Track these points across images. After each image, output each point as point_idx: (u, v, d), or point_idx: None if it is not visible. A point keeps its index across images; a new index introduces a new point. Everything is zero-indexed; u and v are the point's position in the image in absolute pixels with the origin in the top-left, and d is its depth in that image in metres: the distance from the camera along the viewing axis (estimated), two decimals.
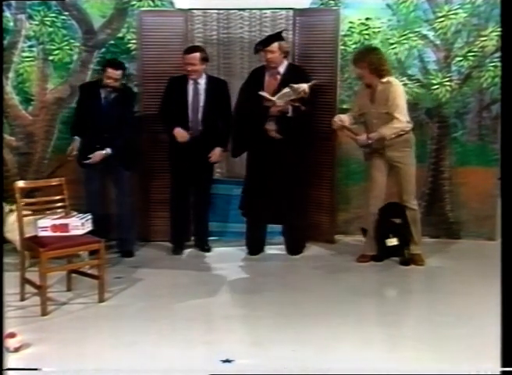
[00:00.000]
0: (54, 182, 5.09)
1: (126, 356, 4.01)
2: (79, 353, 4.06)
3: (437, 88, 6.21)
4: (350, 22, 6.13)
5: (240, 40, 6.45)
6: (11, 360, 3.80)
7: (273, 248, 6.10)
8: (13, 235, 5.17)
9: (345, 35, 6.12)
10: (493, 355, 3.37)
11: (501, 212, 3.49)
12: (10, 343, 3.95)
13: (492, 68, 6.11)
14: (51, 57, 6.24)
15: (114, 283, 5.16)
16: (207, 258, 5.97)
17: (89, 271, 5.08)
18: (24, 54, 6.22)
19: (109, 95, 5.69)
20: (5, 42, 6.08)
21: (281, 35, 5.72)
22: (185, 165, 5.81)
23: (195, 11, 6.29)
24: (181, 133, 5.75)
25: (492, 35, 6.06)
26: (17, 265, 4.92)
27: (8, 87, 6.20)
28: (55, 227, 4.85)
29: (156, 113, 5.91)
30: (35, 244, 4.75)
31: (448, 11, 6.10)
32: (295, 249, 5.99)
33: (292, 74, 5.69)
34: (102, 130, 5.62)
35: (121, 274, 5.42)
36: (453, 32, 6.13)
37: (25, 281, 4.84)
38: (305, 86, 5.56)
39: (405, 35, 6.15)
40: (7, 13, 6.10)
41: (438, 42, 6.17)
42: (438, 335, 4.31)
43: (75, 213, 5.05)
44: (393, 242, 5.66)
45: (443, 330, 4.37)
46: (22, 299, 4.84)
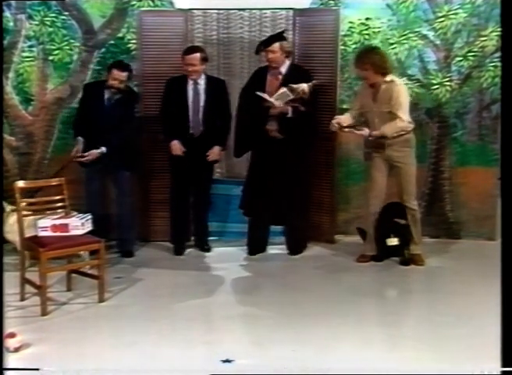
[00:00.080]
0: (54, 182, 5.09)
1: (126, 356, 4.01)
2: (79, 353, 4.06)
3: (437, 88, 6.21)
4: (350, 22, 6.13)
5: (240, 40, 6.45)
6: (11, 360, 3.81)
7: (274, 248, 6.10)
8: (13, 236, 5.16)
9: (345, 35, 6.11)
10: (493, 355, 3.37)
11: (501, 212, 3.50)
12: (10, 343, 3.95)
13: (492, 68, 6.11)
14: (51, 57, 6.23)
15: (114, 283, 5.16)
16: (207, 258, 5.97)
17: (89, 271, 5.08)
18: (24, 54, 6.22)
19: (113, 96, 5.69)
20: (5, 42, 6.08)
21: (282, 35, 5.72)
22: (185, 165, 5.81)
23: (195, 11, 6.29)
24: (177, 146, 5.78)
25: (492, 35, 6.06)
26: (17, 265, 4.92)
27: (8, 87, 6.20)
28: (55, 227, 4.85)
29: (156, 114, 5.91)
30: (35, 244, 4.75)
31: (448, 11, 6.10)
32: (296, 249, 5.99)
33: (294, 74, 5.69)
34: (104, 131, 5.61)
35: (121, 274, 5.42)
36: (453, 32, 6.13)
37: (25, 281, 4.84)
38: (304, 86, 5.56)
39: (405, 35, 6.15)
40: (7, 13, 6.10)
41: (438, 42, 6.17)
42: (438, 335, 4.31)
43: (75, 213, 5.05)
44: (394, 242, 5.66)
45: (443, 330, 4.38)
46: (22, 299, 4.84)
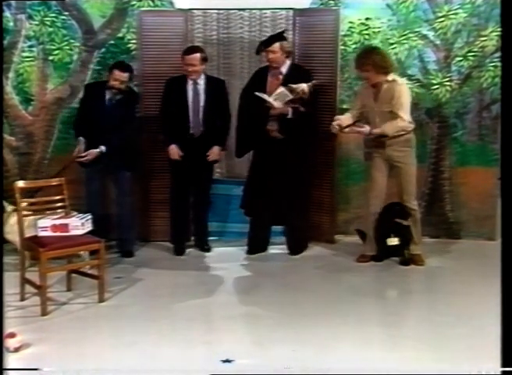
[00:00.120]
0: (54, 182, 5.09)
1: (126, 356, 4.01)
2: (79, 353, 4.06)
3: (437, 88, 6.21)
4: (350, 22, 6.13)
5: (240, 40, 6.45)
6: (11, 360, 3.80)
7: (274, 248, 6.10)
8: (14, 236, 5.15)
9: (345, 35, 6.11)
10: (493, 355, 3.37)
11: (501, 212, 3.49)
12: (10, 343, 3.95)
13: (492, 68, 6.11)
14: (51, 57, 6.23)
15: (114, 283, 5.16)
16: (207, 258, 5.97)
17: (89, 271, 5.08)
18: (24, 54, 6.22)
19: (114, 97, 5.69)
20: (5, 42, 6.08)
21: (283, 35, 5.72)
22: (185, 165, 5.81)
23: (195, 11, 6.29)
24: (174, 151, 5.79)
25: (492, 35, 6.06)
26: (17, 265, 4.92)
27: (8, 87, 6.20)
28: (55, 227, 4.85)
29: (156, 114, 5.90)
30: (35, 244, 4.75)
31: (448, 11, 6.10)
32: (296, 249, 5.99)
33: (294, 74, 5.69)
34: (105, 131, 5.61)
35: (121, 274, 5.42)
36: (453, 32, 6.13)
37: (25, 281, 4.84)
38: (304, 86, 5.55)
39: (405, 35, 6.15)
40: (7, 13, 6.10)
41: (438, 42, 6.17)
42: (438, 335, 4.32)
43: (75, 213, 5.05)
44: (394, 242, 5.65)
45: (443, 330, 4.38)
46: (22, 299, 4.84)
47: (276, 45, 5.61)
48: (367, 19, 6.14)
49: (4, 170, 5.92)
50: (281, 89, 5.55)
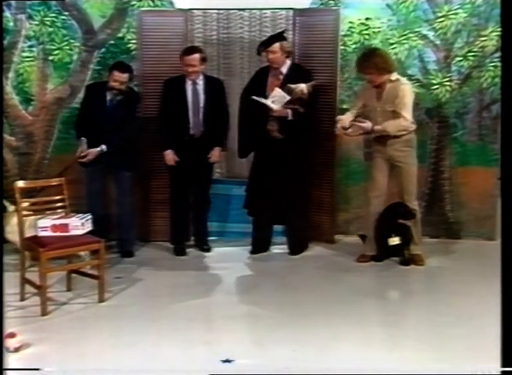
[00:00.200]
0: (54, 182, 5.09)
1: (126, 356, 4.01)
2: (79, 353, 4.06)
3: (437, 88, 6.21)
4: (350, 22, 6.12)
5: (240, 40, 6.45)
6: (11, 360, 3.80)
7: (275, 248, 6.10)
8: (15, 236, 5.14)
9: (345, 35, 6.11)
10: (493, 355, 3.37)
11: (501, 212, 3.49)
12: (10, 343, 3.95)
13: (492, 68, 6.11)
14: (51, 57, 6.23)
15: (114, 283, 5.16)
16: (207, 258, 5.97)
17: (89, 271, 5.08)
18: (24, 54, 6.22)
19: (115, 98, 5.68)
20: (5, 42, 6.08)
21: (283, 35, 5.72)
22: (185, 165, 5.81)
23: (195, 11, 6.29)
24: (170, 156, 5.80)
25: (492, 35, 6.06)
26: (17, 265, 4.92)
27: (8, 87, 6.20)
28: (55, 227, 4.85)
29: (157, 114, 5.90)
30: (35, 244, 4.75)
31: (448, 11, 6.10)
32: (297, 249, 5.99)
33: (294, 74, 5.68)
34: (106, 132, 5.61)
35: (121, 274, 5.42)
36: (453, 32, 6.13)
37: (25, 281, 4.84)
38: (303, 86, 5.55)
39: (405, 35, 6.15)
40: (7, 13, 6.10)
41: (438, 42, 6.16)
42: (438, 335, 4.32)
43: (73, 214, 5.04)
44: (396, 241, 5.63)
45: (443, 330, 4.38)
46: (22, 299, 4.84)
47: (276, 45, 5.61)
48: (367, 19, 6.14)
49: (4, 170, 5.92)
50: (277, 91, 5.54)
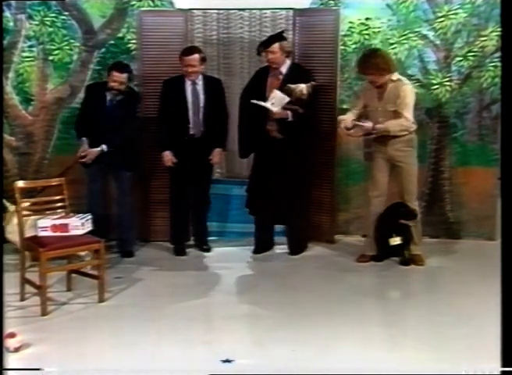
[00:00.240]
0: (54, 182, 5.09)
1: (126, 356, 4.01)
2: (79, 353, 4.06)
3: (437, 88, 6.21)
4: (350, 22, 6.12)
5: (240, 40, 6.45)
6: (11, 360, 3.80)
7: (275, 248, 6.09)
8: (15, 236, 5.14)
9: (345, 35, 6.11)
10: (493, 355, 3.37)
11: (501, 212, 3.49)
12: (10, 343, 3.95)
13: (492, 68, 6.11)
14: (51, 57, 6.23)
15: (114, 283, 5.16)
16: (207, 258, 5.97)
17: (89, 271, 5.08)
18: (24, 54, 6.22)
19: (114, 98, 5.68)
20: (5, 42, 6.08)
21: (282, 35, 5.72)
22: (185, 166, 5.81)
23: (195, 11, 6.29)
24: (168, 158, 5.80)
25: (492, 35, 6.06)
26: (17, 265, 4.92)
27: (8, 87, 6.20)
28: (55, 227, 4.85)
29: (156, 115, 5.90)
30: (35, 244, 4.75)
31: (448, 11, 6.10)
32: (297, 249, 5.99)
33: (294, 74, 5.68)
34: (106, 132, 5.61)
35: (121, 274, 5.42)
36: (453, 32, 6.13)
37: (25, 281, 4.84)
38: (302, 86, 5.54)
39: (405, 35, 6.14)
40: (7, 13, 6.10)
41: (438, 42, 6.16)
42: (438, 335, 4.32)
43: (73, 214, 5.03)
44: (397, 241, 5.62)
45: (443, 330, 4.38)
46: (22, 299, 4.84)
47: (276, 46, 5.61)
48: (367, 19, 6.13)
49: (4, 170, 5.92)
50: (276, 93, 5.53)
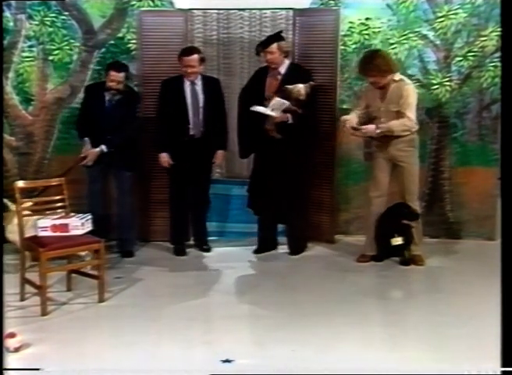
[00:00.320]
0: (54, 182, 5.09)
1: (126, 356, 4.01)
2: (79, 353, 4.06)
3: (437, 88, 6.21)
4: (350, 22, 6.12)
5: (240, 40, 6.45)
6: (11, 360, 3.80)
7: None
8: (15, 236, 5.14)
9: (345, 35, 6.11)
10: (493, 355, 3.37)
11: (501, 212, 3.49)
12: (10, 343, 3.95)
13: (492, 68, 6.11)
14: (51, 57, 6.23)
15: (114, 283, 5.16)
16: (207, 258, 5.96)
17: (89, 271, 5.07)
18: (24, 54, 6.22)
19: (113, 98, 5.68)
20: (5, 42, 6.08)
21: (280, 35, 5.71)
22: (185, 166, 5.81)
23: (195, 11, 6.29)
24: (165, 160, 5.80)
25: (492, 35, 6.06)
26: (17, 265, 4.92)
27: (8, 87, 6.19)
28: (55, 227, 4.85)
29: (155, 115, 5.90)
30: (35, 244, 4.75)
31: (448, 11, 6.10)
32: (297, 249, 5.98)
33: (293, 74, 5.68)
34: (106, 132, 5.62)
35: (121, 274, 5.42)
36: (453, 32, 6.13)
37: (25, 281, 4.84)
38: (300, 86, 5.54)
39: (405, 35, 6.14)
40: (7, 13, 6.10)
41: (438, 42, 6.16)
42: (438, 335, 4.32)
43: (73, 214, 5.03)
44: (398, 241, 5.62)
45: (443, 330, 4.38)
46: (22, 299, 4.84)
47: (274, 46, 5.61)
48: (367, 19, 6.13)
49: (4, 170, 5.92)
50: (275, 99, 5.52)
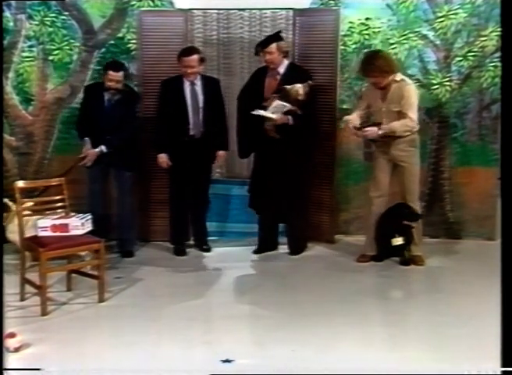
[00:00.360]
0: (54, 182, 5.09)
1: (126, 356, 4.01)
2: (79, 353, 4.06)
3: (437, 88, 6.21)
4: (350, 22, 6.12)
5: (240, 40, 6.45)
6: (11, 360, 3.81)
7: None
8: (16, 236, 5.13)
9: (345, 35, 6.11)
10: (493, 355, 3.37)
11: (501, 212, 3.49)
12: (10, 343, 3.95)
13: (492, 68, 6.11)
14: (51, 57, 6.23)
15: (114, 283, 5.16)
16: (207, 258, 5.96)
17: (89, 271, 5.07)
18: (24, 54, 6.22)
19: (112, 97, 5.68)
20: (5, 42, 6.08)
21: (279, 36, 5.71)
22: (185, 166, 5.81)
23: (195, 11, 6.29)
24: (163, 160, 5.80)
25: (492, 35, 6.06)
26: (17, 265, 4.92)
27: (8, 87, 6.19)
28: (55, 227, 4.85)
29: (155, 115, 5.89)
30: (35, 244, 4.75)
31: (448, 11, 6.10)
32: (296, 249, 5.98)
33: (292, 74, 5.68)
34: (105, 132, 5.62)
35: (121, 274, 5.42)
36: (453, 32, 6.13)
37: (25, 281, 4.84)
38: (298, 86, 5.53)
39: (405, 35, 6.14)
40: (7, 13, 6.10)
41: (438, 42, 6.16)
42: (438, 335, 4.31)
43: (73, 214, 5.04)
44: (399, 241, 5.61)
45: (443, 330, 4.37)
46: (22, 299, 4.84)
47: (273, 46, 5.60)
48: (367, 19, 6.13)
49: (4, 170, 5.92)
50: (276, 102, 5.52)
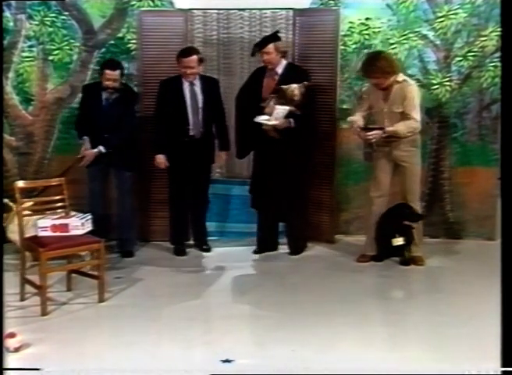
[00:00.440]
0: (54, 182, 5.09)
1: (126, 356, 4.01)
2: (79, 353, 4.06)
3: (437, 88, 6.21)
4: (350, 22, 6.12)
5: (240, 40, 6.44)
6: (11, 360, 3.80)
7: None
8: (17, 236, 5.13)
9: (345, 35, 6.11)
10: (493, 355, 3.37)
11: (501, 212, 3.49)
12: (10, 343, 3.95)
13: (492, 68, 6.11)
14: (51, 57, 6.23)
15: (114, 283, 5.16)
16: (207, 258, 5.97)
17: (89, 271, 5.07)
18: (24, 54, 6.22)
19: (110, 96, 5.69)
20: (5, 42, 6.08)
21: (277, 36, 5.70)
22: (185, 166, 5.81)
23: (195, 11, 6.28)
24: (161, 161, 5.80)
25: (492, 35, 6.06)
26: (17, 265, 4.92)
27: (8, 87, 6.19)
28: (55, 227, 4.85)
29: (154, 115, 5.89)
30: (35, 244, 4.75)
31: (448, 11, 6.10)
32: (296, 249, 5.98)
33: (290, 74, 5.67)
34: (103, 131, 5.62)
35: (121, 274, 5.42)
36: (453, 32, 6.13)
37: (25, 281, 4.84)
38: (294, 86, 5.51)
39: (405, 35, 6.14)
40: (7, 13, 6.10)
41: (438, 42, 6.16)
42: (438, 335, 4.32)
43: (74, 213, 5.04)
44: (400, 242, 5.61)
45: (443, 330, 4.37)
46: (22, 299, 4.84)
47: (271, 46, 5.60)
48: (367, 19, 6.13)
49: (4, 170, 5.92)
50: (278, 108, 5.51)
